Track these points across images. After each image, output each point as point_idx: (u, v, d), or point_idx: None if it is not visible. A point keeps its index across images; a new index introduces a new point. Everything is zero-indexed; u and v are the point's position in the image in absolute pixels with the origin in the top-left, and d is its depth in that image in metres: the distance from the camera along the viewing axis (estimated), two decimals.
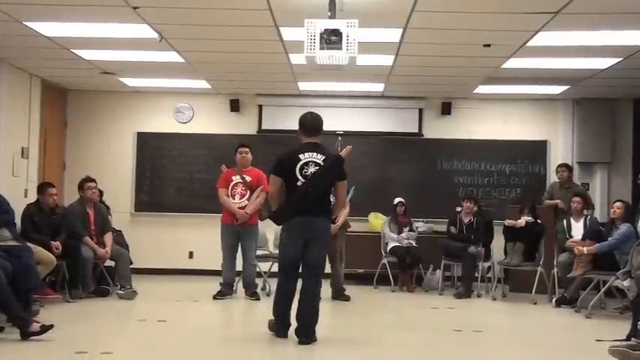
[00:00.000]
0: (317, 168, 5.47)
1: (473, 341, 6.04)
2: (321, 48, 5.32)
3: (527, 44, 6.90)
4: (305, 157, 5.50)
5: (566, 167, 9.24)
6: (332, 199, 5.81)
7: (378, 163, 10.21)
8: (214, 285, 7.94)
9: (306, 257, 5.54)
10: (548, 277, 8.21)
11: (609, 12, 5.86)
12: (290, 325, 5.62)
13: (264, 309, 7.45)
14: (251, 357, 5.30)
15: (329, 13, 5.44)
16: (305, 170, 5.47)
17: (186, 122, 10.35)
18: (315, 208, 5.48)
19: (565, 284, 7.89)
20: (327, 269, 7.98)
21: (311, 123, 5.66)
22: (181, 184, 10.27)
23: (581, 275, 7.44)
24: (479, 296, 8.51)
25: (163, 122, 10.31)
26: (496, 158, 10.19)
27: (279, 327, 5.66)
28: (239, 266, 7.98)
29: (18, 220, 6.96)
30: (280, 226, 5.78)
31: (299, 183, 5.46)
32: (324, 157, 5.53)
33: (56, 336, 5.37)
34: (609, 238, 7.35)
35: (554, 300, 7.90)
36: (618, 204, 7.63)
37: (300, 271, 5.64)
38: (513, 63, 7.78)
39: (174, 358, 5.21)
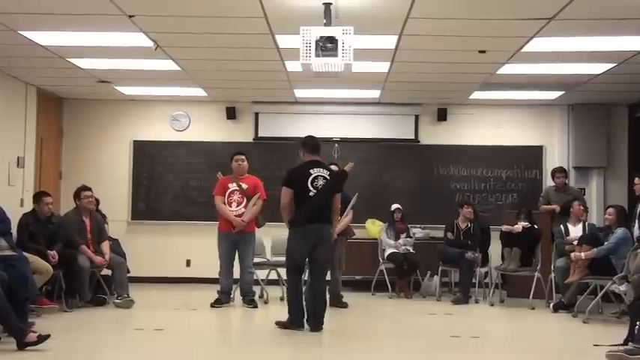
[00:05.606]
0: (325, 181, 6.32)
1: (471, 347, 6.04)
2: (317, 55, 5.34)
3: (522, 50, 6.92)
4: (314, 171, 6.34)
5: (564, 172, 9.26)
6: None
7: (374, 169, 10.20)
8: (212, 293, 7.92)
9: (316, 257, 6.36)
10: (546, 283, 8.21)
11: (603, 18, 5.87)
12: (304, 315, 6.34)
13: (262, 317, 7.47)
14: None
15: (324, 21, 5.45)
16: (315, 183, 6.30)
17: (182, 130, 10.34)
18: (323, 217, 6.36)
19: (562, 289, 7.88)
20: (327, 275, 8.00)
21: (316, 143, 6.56)
22: (178, 192, 10.25)
23: (579, 280, 7.44)
24: (476, 302, 8.51)
25: (160, 130, 10.30)
26: (492, 164, 10.20)
27: (297, 318, 6.31)
28: (236, 274, 7.97)
29: (14, 230, 6.96)
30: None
31: (311, 194, 6.26)
32: (328, 172, 6.43)
33: (53, 346, 5.35)
34: (605, 243, 7.36)
35: (551, 305, 7.89)
36: (610, 210, 7.63)
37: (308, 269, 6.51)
38: (509, 69, 7.80)
39: None
